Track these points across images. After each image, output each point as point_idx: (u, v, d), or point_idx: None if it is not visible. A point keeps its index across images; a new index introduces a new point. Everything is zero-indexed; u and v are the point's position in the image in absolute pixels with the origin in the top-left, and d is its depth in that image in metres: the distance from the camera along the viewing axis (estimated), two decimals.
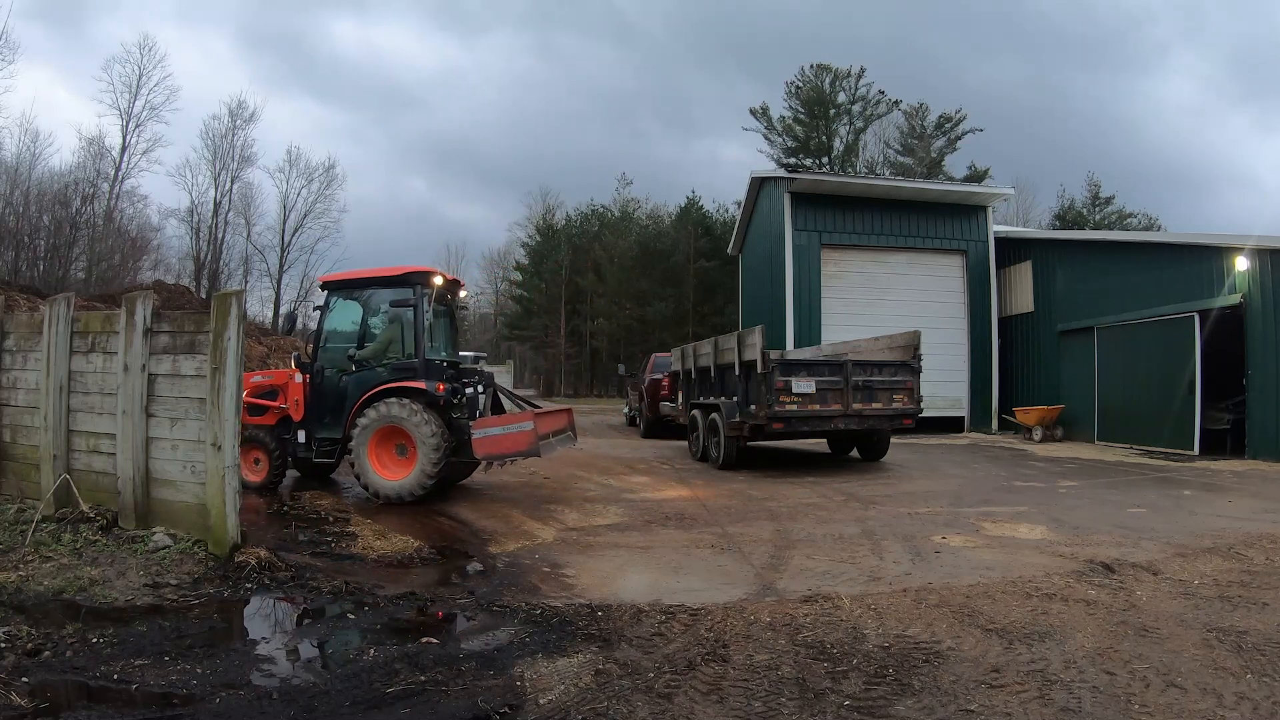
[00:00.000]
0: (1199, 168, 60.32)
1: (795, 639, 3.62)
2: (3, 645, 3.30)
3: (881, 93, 41.19)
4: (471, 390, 8.06)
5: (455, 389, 7.67)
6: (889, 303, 16.63)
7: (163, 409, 5.27)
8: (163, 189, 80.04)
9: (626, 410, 20.10)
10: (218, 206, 38.37)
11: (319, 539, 5.82)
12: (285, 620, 4.13)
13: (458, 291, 8.58)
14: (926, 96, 54.92)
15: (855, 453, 11.64)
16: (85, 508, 5.41)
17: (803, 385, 9.61)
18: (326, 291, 7.99)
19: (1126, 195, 50.26)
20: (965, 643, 3.57)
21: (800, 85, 41.42)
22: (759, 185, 20.52)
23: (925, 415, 10.85)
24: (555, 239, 45.20)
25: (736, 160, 65.60)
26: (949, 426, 16.56)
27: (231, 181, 38.72)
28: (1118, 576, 4.72)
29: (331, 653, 3.62)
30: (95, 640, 3.42)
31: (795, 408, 9.55)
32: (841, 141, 41.87)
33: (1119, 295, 14.03)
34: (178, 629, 3.67)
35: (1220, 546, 5.54)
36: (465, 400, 7.78)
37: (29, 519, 5.25)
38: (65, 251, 31.94)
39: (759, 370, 9.52)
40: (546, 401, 21.79)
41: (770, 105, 42.58)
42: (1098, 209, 41.77)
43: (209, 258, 38.35)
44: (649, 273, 40.78)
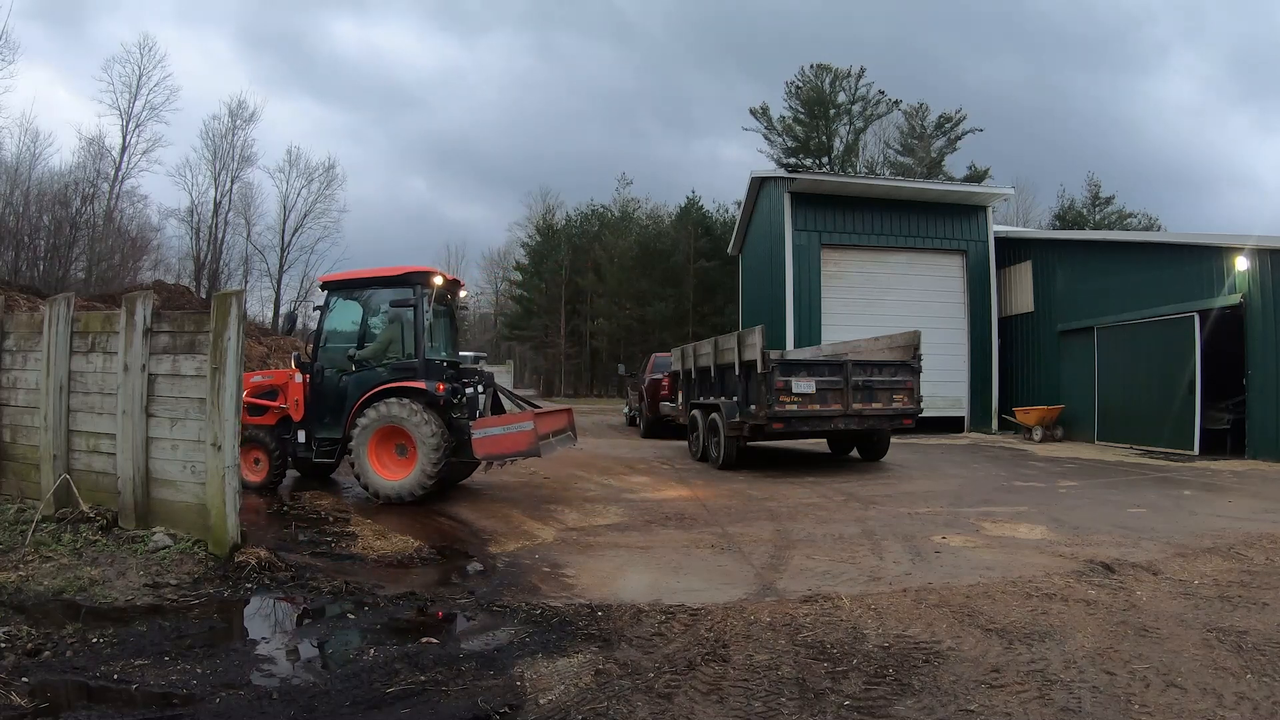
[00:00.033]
0: (1199, 168, 60.44)
1: (795, 639, 3.62)
2: (3, 645, 3.30)
3: (881, 93, 41.30)
4: (471, 390, 8.06)
5: (455, 389, 7.67)
6: (889, 303, 16.64)
7: (163, 409, 5.28)
8: (163, 189, 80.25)
9: (626, 410, 20.10)
10: (218, 206, 38.47)
11: (319, 539, 5.82)
12: (285, 620, 4.13)
13: (458, 291, 8.58)
14: (926, 96, 55.03)
15: (855, 453, 11.64)
16: (85, 508, 5.42)
17: (803, 385, 9.61)
18: (326, 291, 7.99)
19: (1126, 195, 50.36)
20: (965, 643, 3.57)
21: (800, 85, 41.47)
22: (759, 185, 20.52)
23: (925, 415, 10.85)
24: (555, 239, 45.20)
25: (736, 160, 65.73)
26: (949, 426, 16.56)
27: (231, 181, 38.83)
28: (1118, 576, 4.72)
29: (331, 653, 3.62)
30: (95, 640, 3.42)
31: (795, 408, 9.56)
32: (841, 141, 41.89)
33: (1119, 295, 14.03)
34: (178, 629, 3.67)
35: (1220, 546, 5.55)
36: (465, 400, 7.78)
37: (29, 519, 5.25)
38: (65, 251, 31.95)
39: (759, 370, 9.53)
40: (546, 401, 21.79)
41: (770, 105, 42.70)
42: (1098, 209, 41.80)
43: (209, 258, 38.42)
44: (649, 273, 40.78)
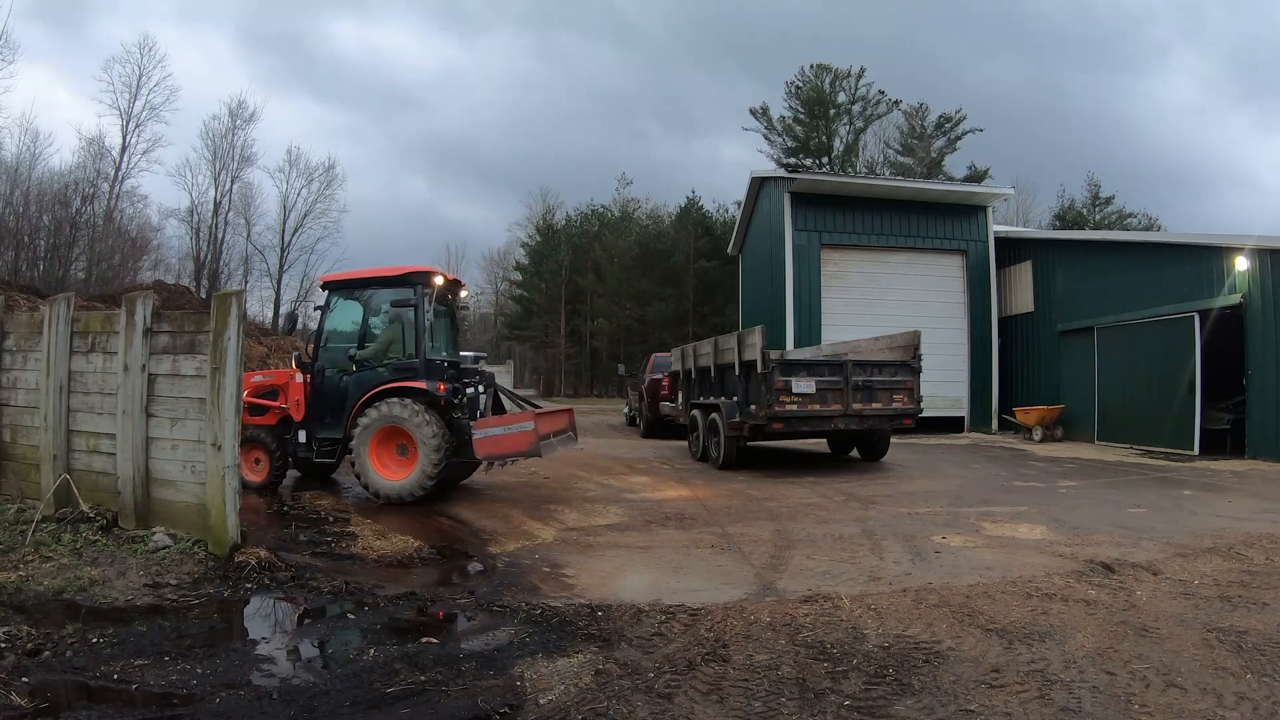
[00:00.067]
0: (1199, 168, 60.45)
1: (795, 639, 3.62)
2: (3, 645, 3.30)
3: (881, 93, 41.29)
4: (472, 390, 8.07)
5: (456, 389, 7.67)
6: (889, 303, 16.64)
7: (163, 409, 5.28)
8: (163, 189, 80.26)
9: (626, 410, 20.10)
10: (218, 206, 38.46)
11: (319, 539, 5.82)
12: (285, 620, 4.13)
13: (458, 291, 8.58)
14: (926, 96, 55.03)
15: (855, 453, 11.64)
16: (85, 508, 5.42)
17: (803, 385, 9.61)
18: (327, 291, 7.99)
19: (1126, 195, 50.36)
20: (965, 643, 3.57)
21: (800, 85, 41.46)
22: (759, 185, 20.52)
23: (925, 415, 10.85)
24: (555, 239, 45.19)
25: (736, 160, 65.74)
26: (949, 426, 16.56)
27: (231, 181, 38.83)
28: (1118, 576, 4.72)
29: (331, 653, 3.62)
30: (95, 640, 3.42)
31: (795, 408, 9.56)
32: (841, 141, 41.88)
33: (1119, 295, 14.03)
34: (178, 629, 3.67)
35: (1220, 546, 5.54)
36: (466, 400, 7.78)
37: (29, 519, 5.25)
38: (65, 251, 31.95)
39: (759, 370, 9.52)
40: (546, 401, 21.79)
41: (770, 105, 42.67)
42: (1098, 209, 41.79)
43: (209, 258, 38.41)
44: (649, 273, 40.77)
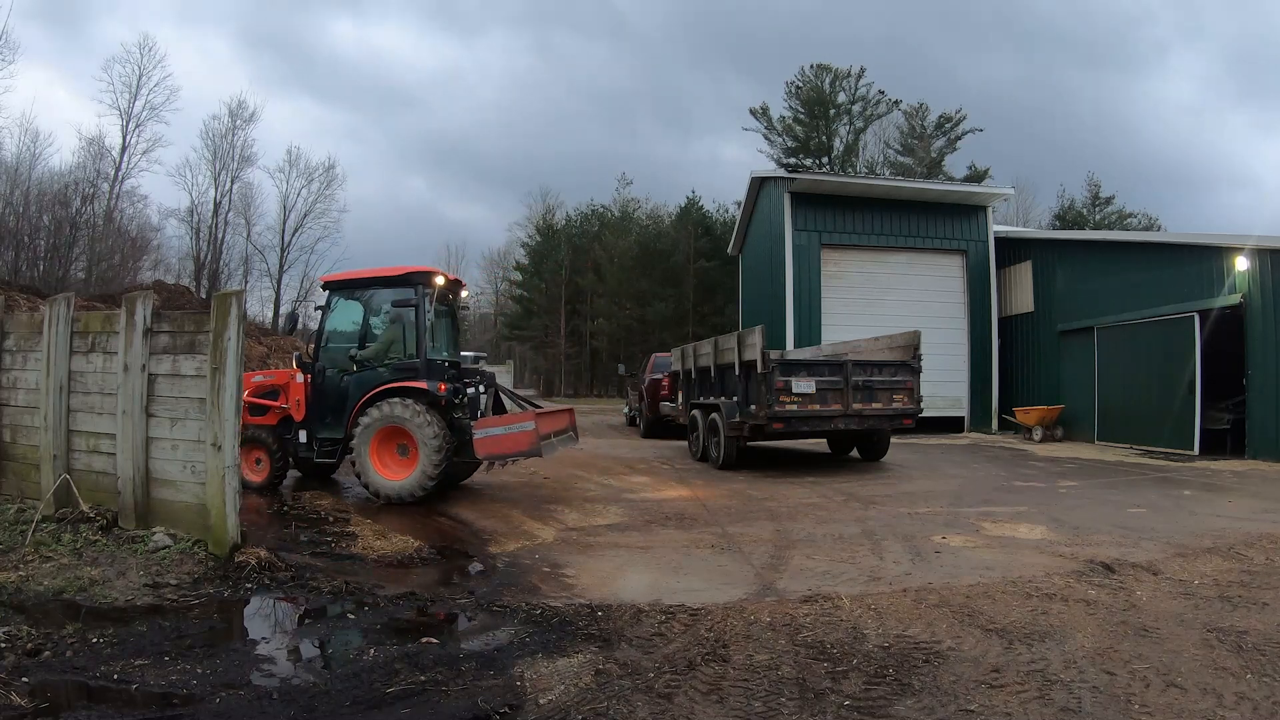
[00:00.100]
0: (1199, 168, 60.49)
1: (795, 639, 3.62)
2: (3, 645, 3.29)
3: (881, 93, 41.31)
4: (473, 390, 8.07)
5: (457, 389, 7.68)
6: (889, 303, 16.64)
7: (163, 409, 5.28)
8: (163, 189, 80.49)
9: (626, 410, 20.11)
10: (218, 206, 38.45)
11: (319, 539, 5.82)
12: (285, 620, 4.13)
13: (459, 291, 8.59)
14: (926, 96, 55.07)
15: (855, 453, 11.64)
16: (85, 508, 5.42)
17: (803, 385, 9.61)
18: (328, 291, 7.98)
19: (1126, 195, 50.50)
20: (965, 643, 3.57)
21: (800, 85, 41.47)
22: (759, 185, 20.52)
23: (925, 415, 10.85)
24: (555, 239, 45.21)
25: (736, 160, 65.76)
26: (949, 426, 16.56)
27: (231, 181, 38.82)
28: (1118, 576, 4.72)
29: (332, 653, 3.62)
30: (95, 640, 3.42)
31: (795, 408, 9.55)
32: (841, 141, 41.90)
33: (1119, 295, 14.03)
34: (178, 629, 3.67)
35: (1220, 546, 5.54)
36: (466, 400, 7.78)
37: (29, 519, 5.25)
38: (65, 251, 31.94)
39: (759, 370, 9.52)
40: (547, 401, 21.79)
41: (770, 105, 42.72)
42: (1098, 209, 41.80)
43: (209, 258, 38.40)
44: (649, 273, 40.79)
